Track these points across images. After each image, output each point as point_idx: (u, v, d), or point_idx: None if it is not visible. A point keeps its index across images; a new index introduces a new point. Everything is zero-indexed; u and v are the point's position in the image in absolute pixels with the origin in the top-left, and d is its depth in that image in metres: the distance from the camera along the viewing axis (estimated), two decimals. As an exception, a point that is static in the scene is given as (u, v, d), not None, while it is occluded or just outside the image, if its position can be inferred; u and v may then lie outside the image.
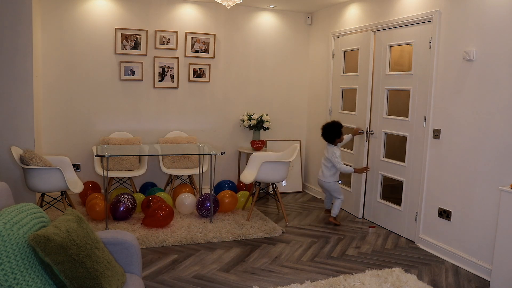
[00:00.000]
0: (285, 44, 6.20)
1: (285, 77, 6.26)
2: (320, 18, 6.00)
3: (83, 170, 5.42)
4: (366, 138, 4.93)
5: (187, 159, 5.42)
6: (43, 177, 4.07)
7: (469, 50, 3.56)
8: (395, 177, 4.55)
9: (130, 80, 5.51)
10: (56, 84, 5.23)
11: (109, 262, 2.02)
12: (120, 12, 5.39)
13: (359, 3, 5.12)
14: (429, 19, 4.01)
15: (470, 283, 3.38)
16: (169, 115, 5.74)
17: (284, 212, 4.83)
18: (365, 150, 4.97)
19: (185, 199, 4.80)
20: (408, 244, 4.23)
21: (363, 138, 4.97)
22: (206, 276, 3.38)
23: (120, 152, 4.72)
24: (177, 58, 5.65)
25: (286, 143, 6.11)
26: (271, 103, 6.21)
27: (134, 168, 5.22)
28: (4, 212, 1.76)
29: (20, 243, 1.72)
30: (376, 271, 3.50)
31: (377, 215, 4.82)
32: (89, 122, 5.42)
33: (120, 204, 4.47)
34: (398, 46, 4.72)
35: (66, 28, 5.21)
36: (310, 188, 6.23)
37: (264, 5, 5.86)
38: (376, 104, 4.81)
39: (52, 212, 4.62)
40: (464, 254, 3.65)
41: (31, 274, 1.73)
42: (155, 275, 3.36)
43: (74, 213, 2.09)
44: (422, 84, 4.12)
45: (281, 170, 4.70)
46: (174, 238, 4.10)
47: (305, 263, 3.70)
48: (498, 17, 3.35)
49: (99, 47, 5.35)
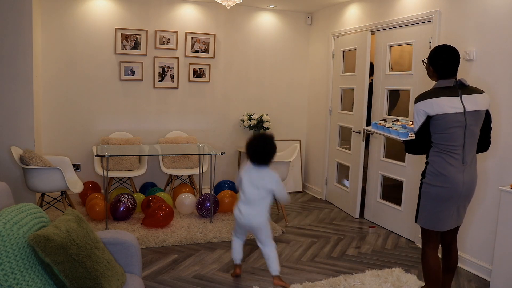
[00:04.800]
0: (285, 44, 6.20)
1: (285, 77, 6.26)
2: (320, 18, 6.00)
3: (83, 170, 5.42)
4: (363, 138, 4.93)
5: (187, 159, 5.42)
6: (43, 177, 4.07)
7: (469, 50, 3.56)
8: (395, 177, 4.55)
9: (130, 80, 5.51)
10: (56, 84, 5.23)
11: (109, 262, 2.02)
12: (120, 12, 5.39)
13: (359, 3, 5.12)
14: (429, 19, 4.00)
15: (470, 283, 3.38)
16: (169, 115, 5.74)
17: (284, 212, 4.83)
18: (362, 150, 4.96)
19: (185, 199, 4.80)
20: (408, 244, 4.23)
21: (360, 137, 4.97)
22: (206, 276, 3.38)
23: (120, 152, 4.72)
24: (177, 58, 5.65)
25: (286, 143, 6.11)
26: (271, 103, 6.21)
27: (134, 168, 5.22)
28: (4, 212, 1.76)
29: (20, 243, 1.72)
30: (376, 271, 3.50)
31: (377, 215, 4.82)
32: (89, 122, 5.42)
33: (120, 204, 4.47)
34: (398, 46, 4.72)
35: (66, 28, 5.21)
36: (310, 188, 6.23)
37: (264, 5, 5.86)
38: (376, 103, 4.81)
39: (52, 212, 4.62)
40: (464, 254, 3.64)
41: (31, 274, 1.73)
42: (155, 275, 3.36)
43: (74, 213, 2.09)
44: (422, 84, 4.12)
45: (281, 170, 4.70)
46: (174, 238, 4.10)
47: (305, 263, 3.70)
48: (498, 17, 3.35)
49: (99, 47, 5.35)
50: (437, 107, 2.50)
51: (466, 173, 2.59)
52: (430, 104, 2.52)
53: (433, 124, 2.55)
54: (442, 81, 2.60)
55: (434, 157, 2.61)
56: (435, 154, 2.60)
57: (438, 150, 2.59)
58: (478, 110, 2.56)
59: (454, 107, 2.50)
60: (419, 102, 2.57)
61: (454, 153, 2.55)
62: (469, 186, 2.62)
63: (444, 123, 2.51)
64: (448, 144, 2.55)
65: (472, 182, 2.64)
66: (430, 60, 2.67)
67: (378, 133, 3.13)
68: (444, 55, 2.60)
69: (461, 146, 2.55)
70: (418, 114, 2.57)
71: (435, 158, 2.60)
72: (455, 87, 2.57)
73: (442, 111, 2.50)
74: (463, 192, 2.59)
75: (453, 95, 2.54)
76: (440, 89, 2.57)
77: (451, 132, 2.52)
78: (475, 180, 2.66)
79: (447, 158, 2.56)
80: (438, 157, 2.58)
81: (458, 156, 2.56)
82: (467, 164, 2.58)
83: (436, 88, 2.61)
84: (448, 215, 2.63)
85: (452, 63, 2.59)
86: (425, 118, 2.55)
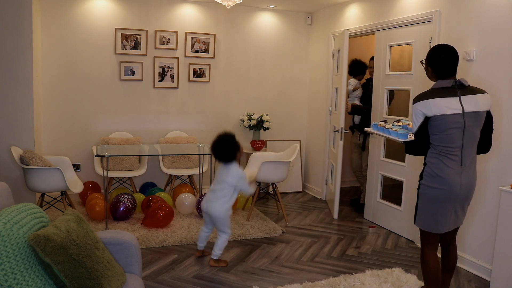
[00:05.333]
0: (285, 44, 6.20)
1: (285, 77, 6.26)
2: (320, 18, 6.00)
3: (83, 170, 5.42)
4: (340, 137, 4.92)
5: (187, 159, 5.42)
6: (43, 177, 4.07)
7: (469, 50, 3.56)
8: (395, 177, 4.55)
9: (130, 80, 5.51)
10: (56, 84, 5.23)
11: (109, 262, 2.02)
12: (120, 12, 5.39)
13: (359, 3, 5.12)
14: (429, 19, 4.00)
15: (470, 283, 3.38)
16: (169, 115, 5.74)
17: (284, 212, 4.83)
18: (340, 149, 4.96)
19: (185, 199, 4.80)
20: (408, 244, 4.23)
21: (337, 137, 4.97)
22: (206, 276, 3.38)
23: (120, 152, 4.72)
24: (177, 58, 5.65)
25: (286, 143, 6.11)
26: (271, 103, 6.21)
27: (134, 168, 5.22)
28: (4, 212, 1.76)
29: (20, 243, 1.72)
30: (376, 271, 3.50)
31: (377, 215, 4.82)
32: (89, 122, 5.42)
33: (120, 204, 4.47)
34: (398, 46, 4.72)
35: (66, 28, 5.21)
36: (310, 188, 6.23)
37: (264, 5, 5.86)
38: (376, 103, 4.81)
39: (52, 212, 4.62)
40: (464, 254, 3.64)
41: (31, 274, 1.73)
42: (155, 275, 3.36)
43: (74, 213, 2.09)
44: (422, 84, 4.12)
45: (281, 170, 4.70)
46: (174, 238, 4.10)
47: (305, 263, 3.70)
48: (498, 17, 3.35)
49: (99, 47, 5.35)
50: (435, 108, 2.47)
51: (464, 175, 2.56)
52: (428, 104, 2.49)
53: (431, 125, 2.52)
54: (441, 82, 2.58)
55: (431, 158, 2.58)
56: (433, 156, 2.58)
57: (436, 152, 2.56)
58: (477, 111, 2.52)
59: (452, 108, 2.47)
60: (417, 103, 2.54)
61: (452, 154, 2.52)
62: (467, 189, 2.59)
63: (442, 124, 2.48)
64: (446, 145, 2.52)
65: (471, 185, 2.60)
66: (428, 60, 2.65)
67: (378, 134, 3.10)
68: (442, 55, 2.57)
69: (460, 148, 2.52)
70: (416, 114, 2.54)
71: (433, 160, 2.57)
72: (454, 88, 2.54)
73: (440, 112, 2.47)
74: (460, 194, 2.56)
75: (451, 96, 2.50)
76: (439, 90, 2.54)
77: (449, 134, 2.49)
78: (473, 182, 2.63)
79: (445, 160, 2.53)
80: (435, 158, 2.56)
81: (456, 158, 2.53)
82: (465, 166, 2.55)
83: (434, 89, 2.58)
84: (445, 217, 2.61)
85: (451, 62, 2.56)
86: (423, 119, 2.52)
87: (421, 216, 2.67)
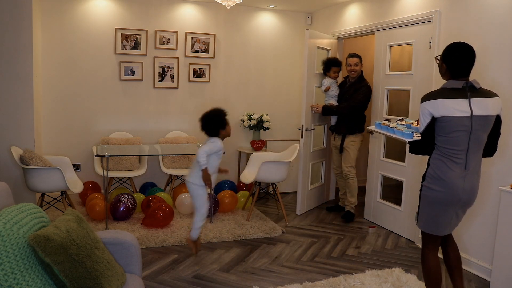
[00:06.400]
0: (285, 44, 6.20)
1: (285, 77, 6.25)
2: (320, 18, 6.00)
3: (83, 170, 5.42)
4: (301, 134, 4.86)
5: (187, 159, 5.42)
6: (43, 177, 4.07)
7: (469, 50, 3.55)
8: (395, 177, 4.55)
9: (130, 80, 5.51)
10: (56, 84, 5.23)
11: (109, 262, 2.02)
12: (120, 12, 5.39)
13: (359, 3, 5.12)
14: (429, 19, 4.00)
15: (470, 283, 3.38)
16: (169, 115, 5.74)
17: (284, 212, 4.83)
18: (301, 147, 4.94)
19: (185, 199, 4.80)
20: (408, 244, 4.23)
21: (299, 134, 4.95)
22: (206, 276, 3.38)
23: (120, 152, 4.72)
24: (177, 58, 5.65)
25: (286, 143, 6.11)
26: (271, 103, 6.21)
27: (134, 168, 5.22)
28: (4, 212, 1.76)
29: (20, 243, 1.72)
30: (376, 271, 3.50)
31: (377, 215, 4.82)
32: (89, 122, 5.42)
33: (120, 204, 4.47)
34: (398, 46, 4.72)
35: (66, 28, 5.21)
36: (310, 188, 6.22)
37: (264, 5, 5.86)
38: (376, 103, 4.81)
39: (52, 212, 4.62)
40: (464, 254, 3.64)
41: (31, 274, 1.73)
42: (155, 275, 3.36)
43: (74, 213, 2.09)
44: (422, 84, 4.12)
45: (281, 170, 4.70)
46: (174, 238, 4.10)
47: (305, 263, 3.70)
48: (498, 17, 3.35)
49: (99, 47, 5.35)
50: (443, 108, 2.40)
51: (468, 180, 2.48)
52: (436, 105, 2.41)
53: (438, 126, 2.45)
54: (452, 82, 2.48)
55: (435, 160, 2.52)
56: (437, 157, 2.51)
57: (440, 153, 2.50)
58: (486, 115, 2.43)
59: (460, 110, 2.39)
60: (425, 102, 2.46)
61: (456, 157, 2.45)
62: (470, 193, 2.51)
63: (449, 126, 2.41)
64: (451, 148, 2.45)
65: (473, 189, 2.53)
66: (443, 56, 2.54)
67: (382, 133, 3.03)
68: (458, 53, 2.47)
69: (465, 151, 2.45)
70: (423, 114, 2.47)
71: (436, 161, 2.51)
72: (464, 89, 2.44)
73: (447, 113, 2.39)
74: (462, 198, 2.50)
75: (461, 98, 2.41)
76: (448, 90, 2.46)
77: (455, 136, 2.42)
78: (476, 187, 2.55)
79: (448, 163, 2.47)
80: (439, 160, 2.50)
81: (460, 161, 2.46)
82: (469, 170, 2.48)
83: (444, 89, 2.49)
84: (447, 220, 2.57)
85: (467, 61, 2.46)
86: (430, 119, 2.44)
87: (423, 218, 2.64)
